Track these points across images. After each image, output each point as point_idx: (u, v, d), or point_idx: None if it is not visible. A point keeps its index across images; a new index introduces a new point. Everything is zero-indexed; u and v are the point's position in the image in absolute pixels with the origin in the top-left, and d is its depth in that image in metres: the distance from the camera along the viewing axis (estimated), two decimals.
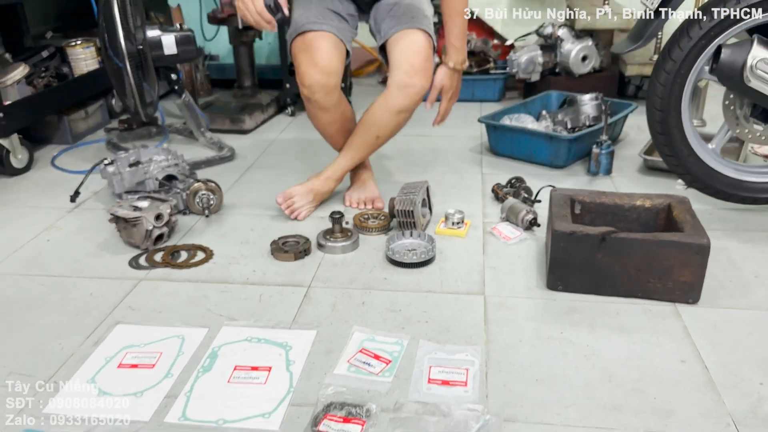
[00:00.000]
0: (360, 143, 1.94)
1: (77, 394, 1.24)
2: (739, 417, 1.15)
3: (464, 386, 1.23)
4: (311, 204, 1.97)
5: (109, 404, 1.21)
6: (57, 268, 1.72)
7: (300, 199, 1.94)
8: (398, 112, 1.86)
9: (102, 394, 1.24)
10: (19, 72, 2.49)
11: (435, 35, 1.91)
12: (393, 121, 1.89)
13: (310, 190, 1.96)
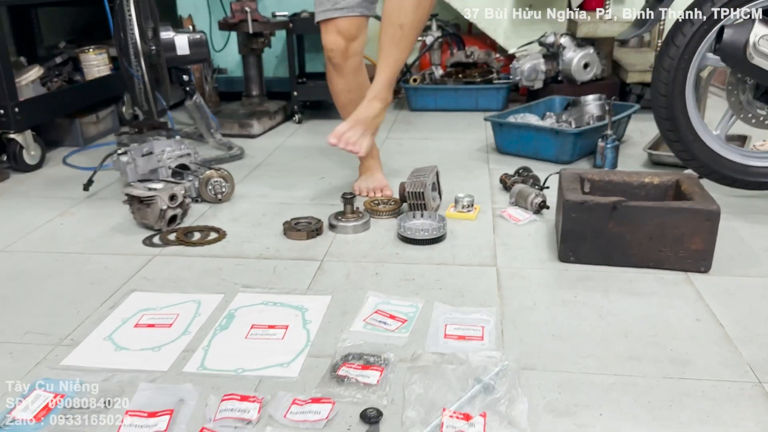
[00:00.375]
0: (386, 43, 1.77)
1: (94, 349, 1.24)
2: (757, 365, 1.15)
3: (481, 340, 1.24)
4: (366, 133, 1.84)
5: (127, 357, 1.21)
6: (71, 245, 1.73)
7: (352, 132, 1.81)
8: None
9: (119, 349, 1.24)
10: (34, 73, 2.54)
11: None
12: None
13: (356, 120, 1.82)
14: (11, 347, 1.25)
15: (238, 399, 1.05)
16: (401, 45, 1.77)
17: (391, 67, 1.80)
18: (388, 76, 1.81)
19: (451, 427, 0.98)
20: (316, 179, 2.27)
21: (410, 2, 1.71)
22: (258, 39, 2.98)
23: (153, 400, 1.07)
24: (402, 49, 1.78)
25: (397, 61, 1.81)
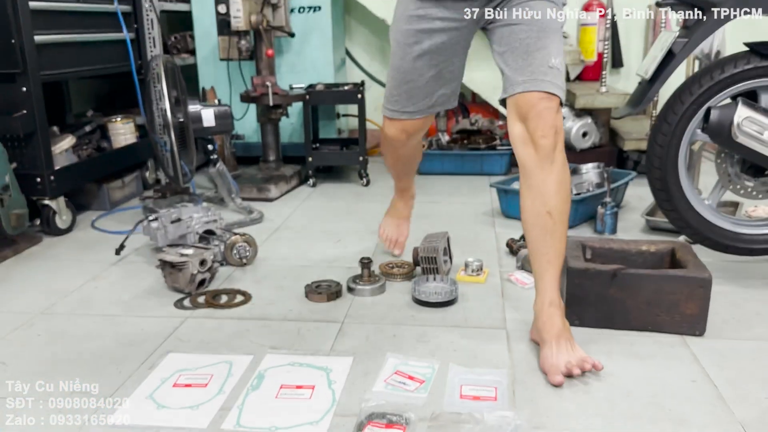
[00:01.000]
0: (539, 238, 1.51)
1: (138, 408, 1.35)
2: (748, 423, 1.25)
3: (494, 400, 1.34)
4: (569, 344, 1.47)
5: (168, 415, 1.32)
6: (107, 308, 1.85)
7: (566, 354, 1.44)
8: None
9: (160, 408, 1.34)
10: (67, 142, 2.71)
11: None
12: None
13: (556, 338, 1.46)
14: (60, 406, 1.35)
15: None
16: (556, 235, 1.48)
17: (552, 263, 1.49)
18: (552, 275, 1.49)
19: None
20: (333, 242, 2.40)
21: (552, 183, 1.44)
22: (276, 110, 3.17)
23: None
24: (558, 238, 1.48)
25: (558, 255, 1.49)
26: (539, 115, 1.42)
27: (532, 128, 1.42)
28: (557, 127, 1.43)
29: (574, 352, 1.43)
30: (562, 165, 1.46)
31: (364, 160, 3.30)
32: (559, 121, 1.44)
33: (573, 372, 1.38)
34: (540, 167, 1.45)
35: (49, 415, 1.09)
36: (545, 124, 1.42)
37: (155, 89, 2.74)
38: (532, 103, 1.42)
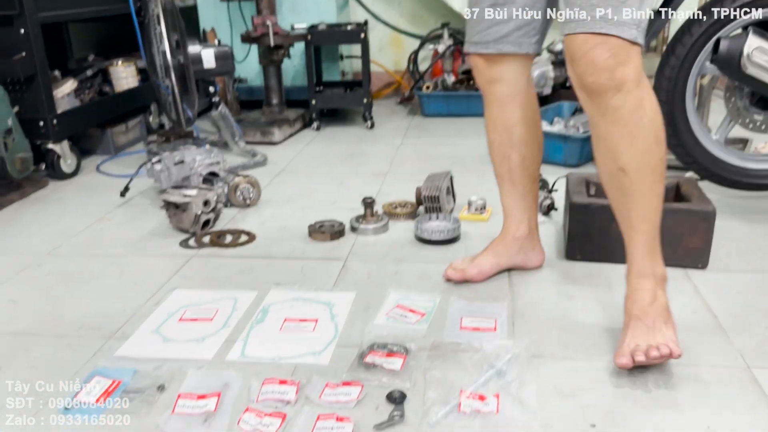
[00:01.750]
0: (616, 200, 1.30)
1: (144, 341, 1.37)
2: (747, 352, 1.26)
3: (493, 331, 1.36)
4: (658, 325, 1.26)
5: (174, 348, 1.34)
6: (112, 248, 1.87)
7: (644, 337, 1.24)
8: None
9: (167, 341, 1.37)
10: (69, 86, 2.70)
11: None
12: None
13: (636, 318, 1.26)
14: (69, 341, 1.38)
15: (277, 383, 1.18)
16: (636, 195, 1.24)
17: (636, 228, 1.26)
18: (639, 242, 1.27)
19: (468, 406, 1.10)
20: (336, 184, 2.39)
21: (621, 135, 1.20)
22: (278, 51, 3.12)
23: (201, 385, 1.20)
24: (639, 199, 1.24)
25: (643, 219, 1.26)
26: (586, 57, 1.18)
27: (581, 72, 1.20)
28: (612, 67, 1.15)
29: (655, 334, 1.22)
30: (634, 111, 1.18)
31: (369, 103, 3.26)
32: (617, 61, 1.15)
33: (636, 358, 1.19)
34: (601, 115, 1.21)
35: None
36: (595, 66, 1.17)
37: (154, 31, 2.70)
38: (578, 44, 1.19)
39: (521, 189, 1.57)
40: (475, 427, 1.05)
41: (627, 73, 1.16)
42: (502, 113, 1.50)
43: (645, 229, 1.26)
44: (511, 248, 1.61)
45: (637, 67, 1.17)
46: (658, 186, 1.23)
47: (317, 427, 1.07)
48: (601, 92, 1.19)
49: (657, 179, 1.23)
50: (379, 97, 4.04)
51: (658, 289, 1.28)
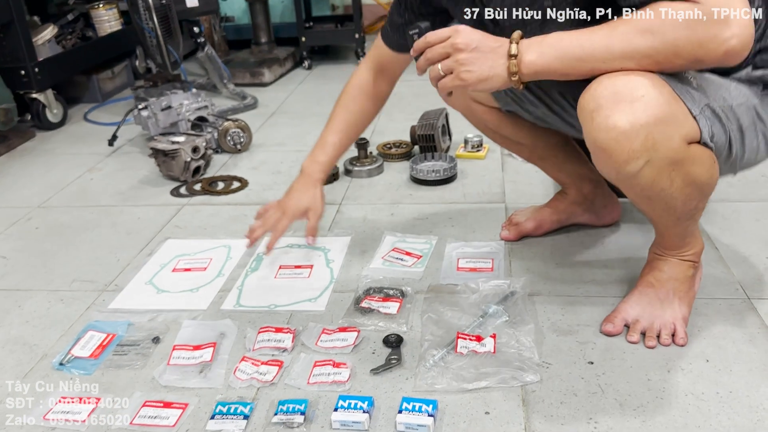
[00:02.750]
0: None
1: (137, 293, 1.36)
2: (746, 283, 1.25)
3: (491, 271, 1.34)
4: (669, 301, 1.14)
5: (168, 299, 1.33)
6: (104, 199, 1.84)
7: (650, 308, 1.14)
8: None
9: (161, 292, 1.36)
10: (49, 32, 2.60)
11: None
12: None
13: (649, 284, 1.16)
14: (62, 295, 1.37)
15: (273, 331, 1.17)
16: (659, 225, 1.11)
17: (663, 235, 1.13)
18: (661, 240, 1.15)
19: (465, 347, 1.09)
20: None
21: (635, 197, 1.04)
22: None
23: (197, 335, 1.19)
24: (665, 226, 1.10)
25: (671, 234, 1.11)
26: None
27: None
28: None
29: (664, 309, 1.12)
30: (657, 175, 0.95)
31: (361, 38, 3.16)
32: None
33: (629, 337, 1.10)
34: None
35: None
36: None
37: None
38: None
39: (555, 160, 1.43)
40: (472, 368, 1.05)
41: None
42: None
43: (675, 235, 1.12)
44: (577, 205, 1.45)
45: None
46: (690, 221, 1.08)
47: (314, 373, 1.07)
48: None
49: (688, 219, 1.07)
50: (372, 32, 3.91)
51: (687, 262, 1.14)
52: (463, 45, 0.94)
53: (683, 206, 1.01)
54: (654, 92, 0.89)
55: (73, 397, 1.05)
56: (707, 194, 1.03)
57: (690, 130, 0.94)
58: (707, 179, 0.99)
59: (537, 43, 0.92)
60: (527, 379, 1.03)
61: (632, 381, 1.02)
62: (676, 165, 0.94)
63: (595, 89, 0.92)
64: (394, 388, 1.04)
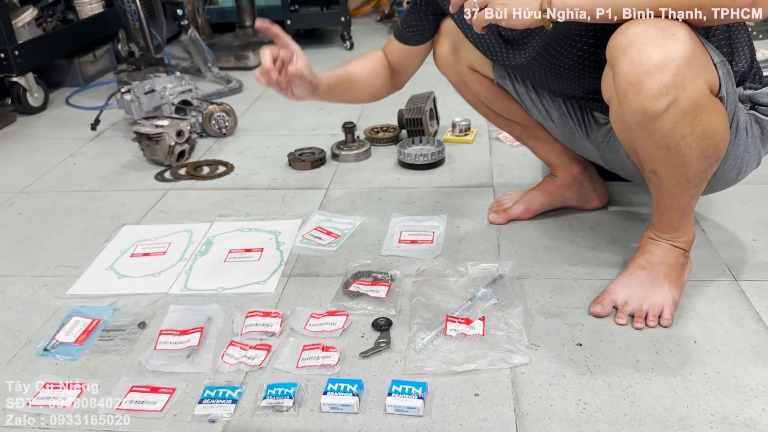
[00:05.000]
0: (651, 190, 1.14)
1: (98, 278, 1.35)
2: (733, 265, 1.26)
3: (430, 243, 1.39)
4: (657, 283, 1.14)
5: (130, 283, 1.33)
6: (87, 184, 1.81)
7: (641, 290, 1.15)
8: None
9: (122, 277, 1.35)
10: (29, 14, 2.54)
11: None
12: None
13: (637, 266, 1.17)
14: (45, 280, 1.35)
15: (261, 315, 1.17)
16: (665, 192, 1.09)
17: (664, 209, 1.12)
18: (669, 216, 1.13)
19: (454, 330, 1.09)
20: (316, 110, 2.32)
21: (653, 147, 1.01)
22: None
23: (183, 320, 1.18)
24: (670, 195, 1.09)
25: (671, 207, 1.11)
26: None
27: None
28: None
29: (654, 290, 1.12)
30: (680, 118, 0.96)
31: (347, 21, 3.13)
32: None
33: (617, 320, 1.11)
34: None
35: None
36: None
37: None
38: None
39: (546, 139, 1.42)
40: (461, 351, 1.05)
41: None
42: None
43: (675, 210, 1.12)
44: (565, 188, 1.45)
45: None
46: (696, 190, 1.08)
47: (303, 357, 1.06)
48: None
49: (696, 185, 1.07)
50: (358, 15, 3.88)
51: (679, 250, 1.15)
52: None
53: (697, 164, 1.02)
54: (684, 33, 0.92)
55: (58, 382, 1.04)
56: (719, 157, 1.04)
57: (711, 77, 0.97)
58: (723, 134, 1.01)
59: None
60: (516, 361, 1.03)
61: (621, 362, 1.02)
62: (698, 110, 0.96)
63: (627, 27, 0.94)
64: (384, 371, 1.03)
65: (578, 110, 1.30)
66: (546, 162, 1.48)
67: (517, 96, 1.35)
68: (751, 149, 1.14)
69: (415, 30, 1.34)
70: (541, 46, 1.15)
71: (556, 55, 1.15)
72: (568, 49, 1.12)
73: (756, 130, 1.13)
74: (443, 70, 1.41)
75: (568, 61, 1.14)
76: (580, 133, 1.31)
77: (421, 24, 1.33)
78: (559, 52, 1.13)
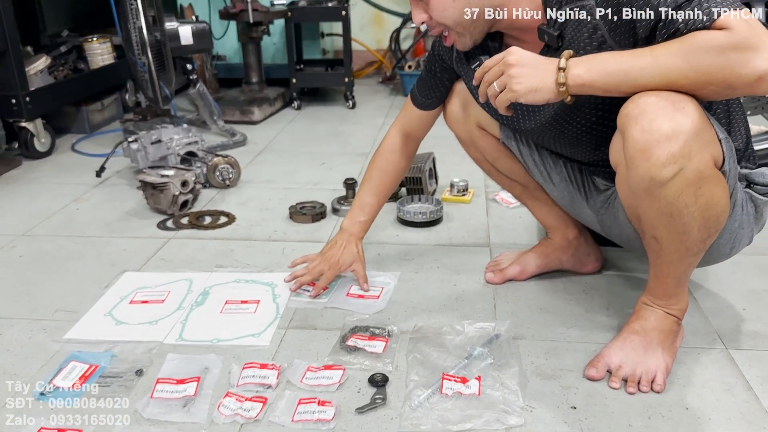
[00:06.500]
0: (649, 255, 1.16)
1: (96, 324, 1.36)
2: (724, 333, 1.28)
3: (377, 299, 1.43)
4: (651, 349, 1.16)
5: (126, 330, 1.33)
6: (90, 229, 1.83)
7: (633, 354, 1.16)
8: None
9: (119, 324, 1.36)
10: (42, 62, 2.62)
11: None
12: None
13: (630, 331, 1.19)
14: (44, 324, 1.36)
15: (258, 367, 1.17)
16: (664, 258, 1.11)
17: (661, 276, 1.14)
18: (666, 283, 1.15)
19: (450, 388, 1.10)
20: (318, 165, 2.37)
21: (657, 213, 1.04)
22: (257, 28, 3.06)
23: (181, 369, 1.18)
24: (668, 262, 1.11)
25: (668, 274, 1.13)
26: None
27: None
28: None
29: (647, 356, 1.14)
30: (685, 188, 0.99)
31: (350, 82, 3.23)
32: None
33: (610, 384, 1.13)
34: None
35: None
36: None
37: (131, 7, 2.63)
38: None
39: (545, 201, 1.47)
40: (457, 410, 1.06)
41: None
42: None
43: (671, 278, 1.14)
44: (561, 251, 1.49)
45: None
46: (693, 259, 1.11)
47: (299, 411, 1.07)
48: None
49: (694, 254, 1.09)
50: (361, 76, 4.00)
51: (672, 317, 1.17)
52: (514, 61, 1.02)
53: (698, 233, 1.05)
54: (693, 107, 0.97)
55: (53, 428, 1.03)
56: (719, 228, 1.07)
57: (716, 151, 1.02)
58: (723, 207, 1.05)
59: (585, 60, 1.00)
60: (511, 422, 1.04)
61: (614, 427, 1.03)
62: (702, 181, 0.99)
63: (639, 98, 0.98)
64: (380, 428, 1.04)
65: (579, 175, 1.34)
66: (543, 224, 1.52)
67: (521, 156, 1.40)
68: (745, 226, 1.18)
69: (433, 95, 1.43)
70: (551, 114, 1.21)
71: (564, 124, 1.20)
72: (577, 118, 1.18)
73: (750, 208, 1.18)
74: (453, 126, 1.48)
75: (577, 129, 1.20)
76: (580, 197, 1.36)
77: (437, 89, 1.41)
78: (568, 120, 1.19)
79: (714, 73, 0.93)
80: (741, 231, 1.19)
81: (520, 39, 1.17)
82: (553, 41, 1.10)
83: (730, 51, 0.91)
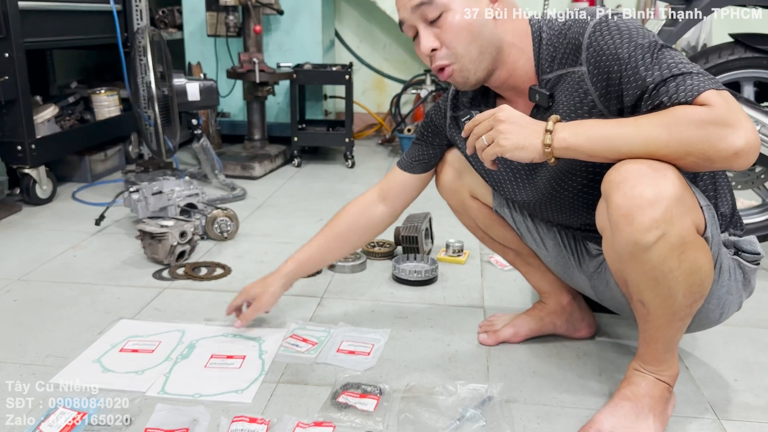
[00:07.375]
0: (637, 319, 1.17)
1: (83, 370, 1.36)
2: (716, 403, 1.28)
3: (367, 356, 1.43)
4: (642, 416, 1.17)
5: (112, 378, 1.32)
6: (85, 277, 1.84)
7: (624, 419, 1.17)
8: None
9: (106, 371, 1.35)
10: (50, 111, 2.68)
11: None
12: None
13: (621, 397, 1.19)
14: (34, 368, 1.35)
15: (247, 420, 1.16)
16: (652, 323, 1.12)
17: (650, 340, 1.15)
18: (655, 348, 1.15)
19: None
20: (315, 221, 2.39)
21: (642, 277, 1.06)
22: (263, 87, 3.15)
23: (169, 420, 1.17)
24: (656, 326, 1.12)
25: (657, 338, 1.14)
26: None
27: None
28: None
29: (638, 422, 1.14)
30: (668, 252, 1.02)
31: (350, 142, 3.29)
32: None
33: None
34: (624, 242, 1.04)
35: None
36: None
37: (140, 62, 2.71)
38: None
39: (538, 267, 1.48)
40: None
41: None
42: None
43: (660, 343, 1.15)
44: (555, 316, 1.50)
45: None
46: (681, 324, 1.12)
47: None
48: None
49: (681, 319, 1.11)
50: (361, 137, 4.08)
51: (663, 384, 1.17)
52: (504, 117, 1.06)
53: (683, 298, 1.07)
54: (674, 175, 1.00)
55: None
56: (704, 294, 1.09)
57: (697, 218, 1.05)
58: (707, 272, 1.07)
59: (572, 125, 1.04)
60: None
61: None
62: (685, 246, 1.02)
63: (621, 165, 1.02)
64: None
65: (572, 240, 1.37)
66: (537, 289, 1.53)
67: (514, 224, 1.43)
68: (733, 292, 1.20)
69: (422, 160, 1.44)
70: (545, 179, 1.24)
71: (557, 188, 1.24)
72: (568, 183, 1.21)
73: (739, 275, 1.20)
74: (445, 196, 1.50)
75: (568, 194, 1.23)
76: (573, 262, 1.38)
77: (427, 154, 1.44)
78: (560, 185, 1.23)
79: (694, 144, 0.97)
80: (729, 297, 1.21)
81: (512, 100, 1.22)
82: (544, 101, 1.15)
83: (709, 126, 0.95)
